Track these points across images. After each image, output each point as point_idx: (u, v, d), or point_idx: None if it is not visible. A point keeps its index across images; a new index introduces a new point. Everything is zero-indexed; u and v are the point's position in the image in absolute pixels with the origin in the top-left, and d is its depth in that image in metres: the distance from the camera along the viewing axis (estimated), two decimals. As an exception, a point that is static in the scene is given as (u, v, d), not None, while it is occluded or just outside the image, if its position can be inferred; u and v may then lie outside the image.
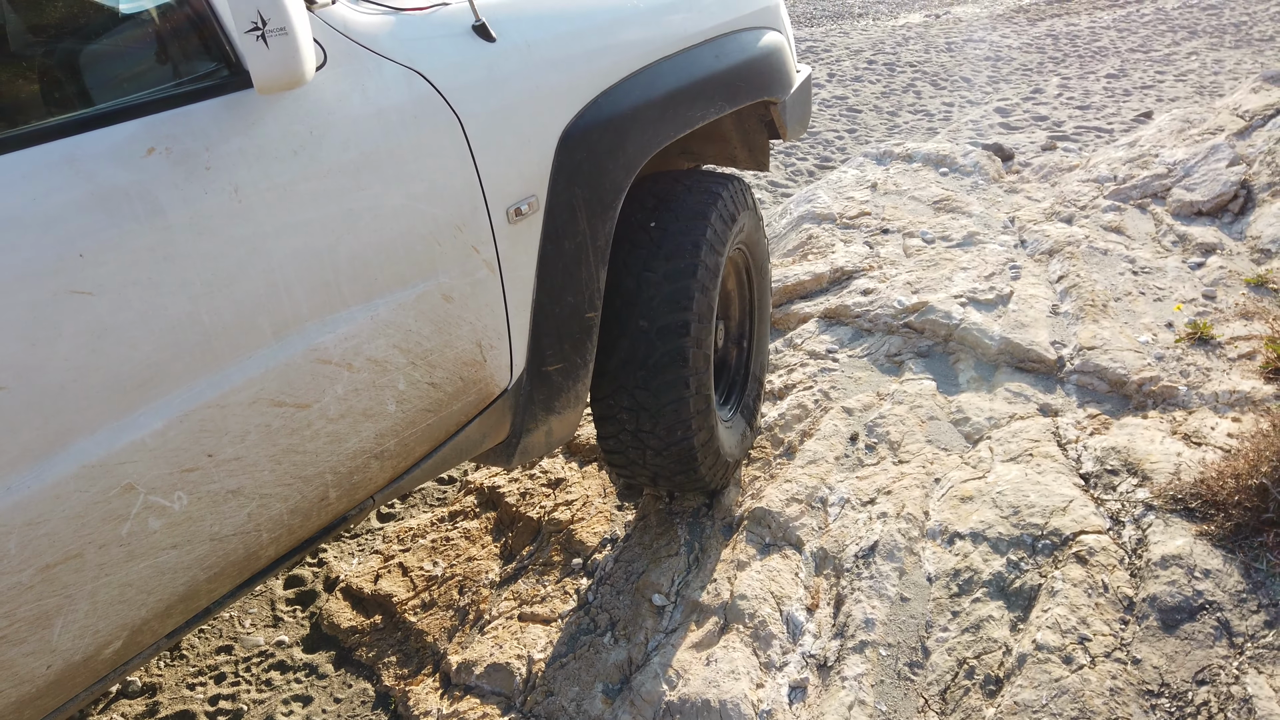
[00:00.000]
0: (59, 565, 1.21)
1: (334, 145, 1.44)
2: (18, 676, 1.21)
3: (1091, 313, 3.12)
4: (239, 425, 1.36)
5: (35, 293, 1.11)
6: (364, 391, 1.55)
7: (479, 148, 1.67)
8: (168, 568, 1.34)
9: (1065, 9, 12.24)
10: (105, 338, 1.18)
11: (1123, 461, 2.33)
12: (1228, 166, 4.03)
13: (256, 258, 1.33)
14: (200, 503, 1.35)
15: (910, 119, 7.24)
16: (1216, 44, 9.85)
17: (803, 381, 3.03)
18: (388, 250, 1.53)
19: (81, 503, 1.20)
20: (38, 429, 1.14)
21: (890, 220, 4.27)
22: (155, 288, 1.22)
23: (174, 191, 1.24)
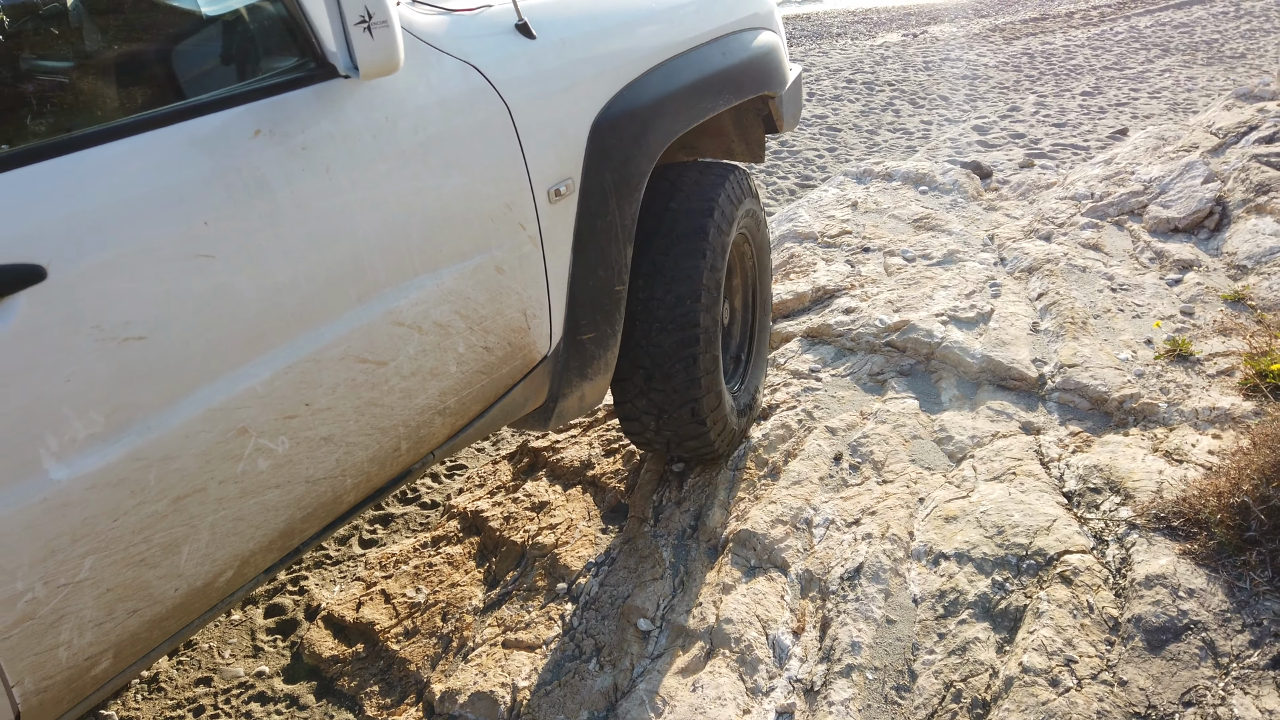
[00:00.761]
0: (187, 498, 1.37)
1: (405, 130, 1.61)
2: (151, 597, 1.38)
3: (1072, 330, 3.14)
4: (330, 379, 1.53)
5: (169, 255, 1.28)
6: (431, 352, 1.74)
7: (524, 134, 1.86)
8: (271, 505, 1.51)
9: (1040, 28, 12.40)
10: (224, 296, 1.34)
11: (1105, 480, 2.33)
12: (1203, 183, 4.08)
13: (344, 229, 1.51)
14: (299, 447, 1.52)
15: (889, 137, 7.30)
16: (1189, 61, 10.01)
17: (786, 401, 3.03)
18: (450, 225, 1.71)
19: (206, 442, 1.36)
20: (172, 375, 1.30)
21: (871, 239, 4.29)
22: (264, 254, 1.39)
23: (277, 168, 1.41)
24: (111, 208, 1.24)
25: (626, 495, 2.79)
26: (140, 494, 1.30)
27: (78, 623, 1.30)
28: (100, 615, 1.32)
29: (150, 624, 1.40)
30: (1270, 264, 3.37)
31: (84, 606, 1.30)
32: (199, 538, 1.41)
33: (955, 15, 13.86)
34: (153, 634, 1.42)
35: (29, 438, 1.18)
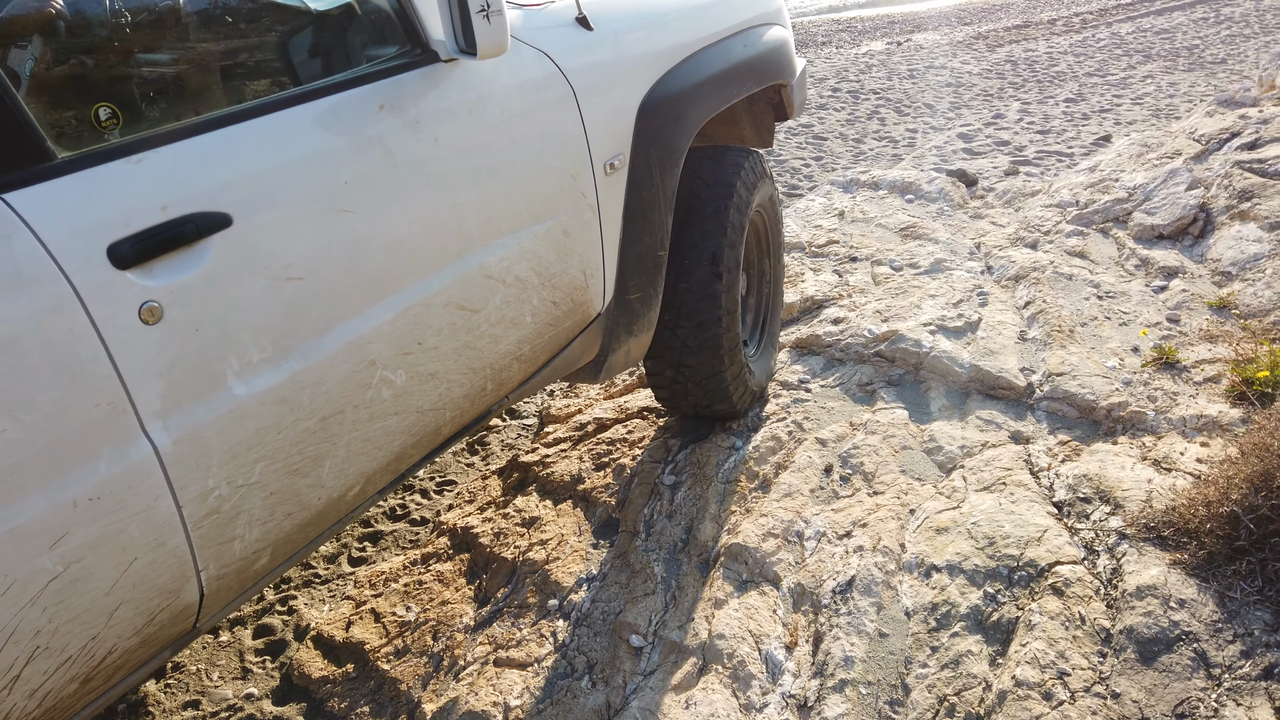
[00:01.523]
0: (330, 418, 1.59)
1: (493, 108, 1.86)
2: (301, 503, 1.60)
3: (1059, 338, 3.15)
4: (437, 322, 1.77)
5: (320, 209, 1.51)
6: (512, 304, 1.98)
7: (586, 114, 2.11)
8: (390, 430, 1.74)
9: (1023, 35, 12.49)
10: (360, 245, 1.58)
11: (1095, 489, 2.34)
12: (1186, 190, 4.11)
13: (448, 192, 1.75)
14: (412, 380, 1.75)
15: (875, 145, 7.33)
16: (1170, 67, 10.09)
17: (776, 413, 3.03)
18: (528, 192, 1.96)
19: (345, 370, 1.59)
20: (322, 311, 1.53)
21: (858, 248, 4.30)
22: (389, 210, 1.63)
23: (397, 138, 1.65)
24: (277, 168, 1.47)
25: (617, 510, 2.78)
26: (296, 411, 1.53)
27: (249, 520, 1.51)
28: (265, 515, 1.54)
29: (298, 527, 1.63)
30: (1254, 270, 3.39)
31: (254, 506, 1.52)
32: (337, 454, 1.64)
33: (939, 23, 13.94)
34: (298, 537, 1.64)
35: (218, 359, 1.39)
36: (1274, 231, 3.48)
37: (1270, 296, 3.18)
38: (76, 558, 1.27)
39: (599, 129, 2.16)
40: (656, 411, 3.22)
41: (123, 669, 1.41)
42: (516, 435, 3.54)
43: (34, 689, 1.28)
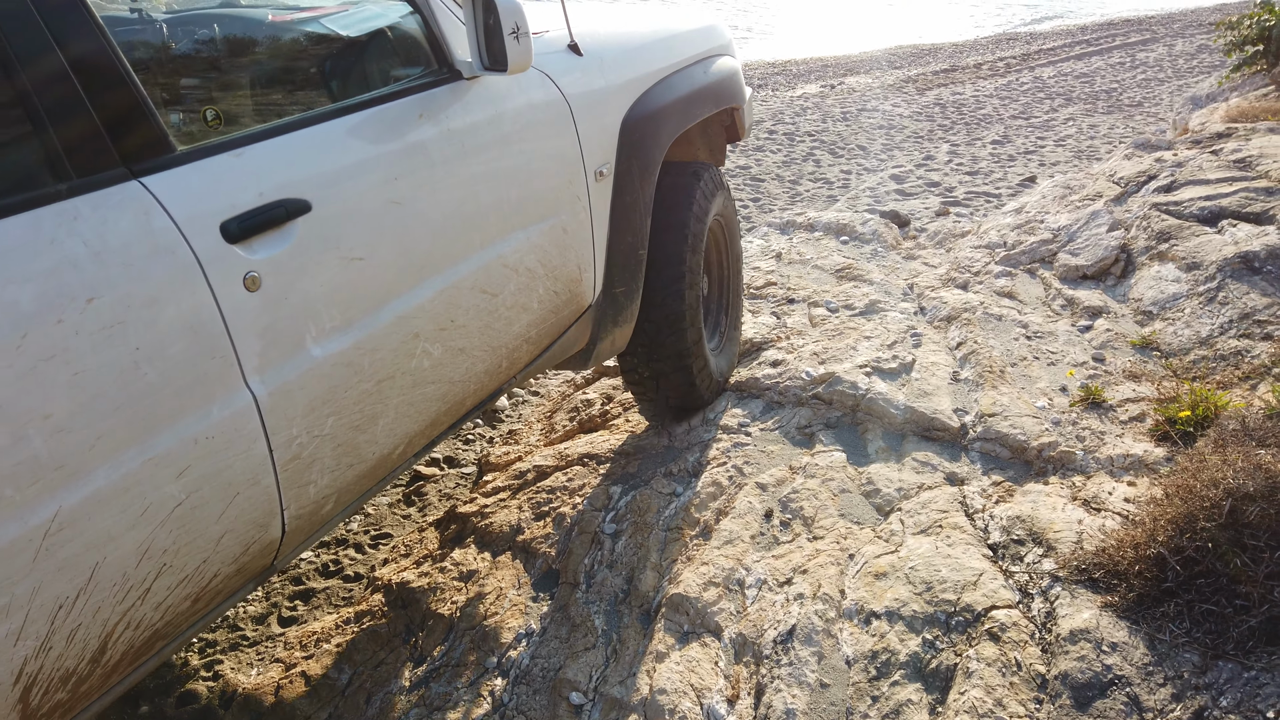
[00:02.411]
0: (385, 381, 1.84)
1: (507, 121, 2.18)
2: (360, 456, 1.84)
3: (990, 379, 3.21)
4: (465, 302, 2.05)
5: (377, 200, 1.79)
6: (523, 291, 2.28)
7: (580, 128, 2.43)
8: (429, 396, 2.02)
9: (951, 78, 12.89)
10: (406, 232, 1.85)
11: (1028, 531, 2.37)
12: (1108, 231, 4.25)
13: (473, 191, 2.05)
14: (446, 354, 2.03)
15: (811, 187, 7.47)
16: (1091, 110, 10.50)
17: (717, 458, 3.03)
18: (535, 194, 2.27)
19: (396, 340, 1.85)
20: (378, 288, 1.80)
21: (795, 290, 4.35)
22: (428, 204, 1.92)
23: (434, 143, 1.95)
24: (344, 164, 1.75)
25: (558, 560, 2.74)
26: (359, 374, 1.78)
27: (321, 468, 1.74)
28: (333, 464, 1.78)
29: (357, 478, 1.87)
30: (1173, 310, 3.51)
31: (325, 455, 1.75)
32: (388, 414, 1.89)
33: (870, 67, 14.33)
34: (356, 487, 1.89)
35: (300, 325, 1.64)
36: (1191, 272, 3.61)
37: (1189, 335, 3.29)
38: (195, 488, 1.49)
39: (590, 141, 2.48)
40: (597, 458, 3.19)
41: (221, 594, 1.64)
42: (455, 485, 3.48)
43: (159, 602, 1.49)
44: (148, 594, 1.46)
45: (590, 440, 3.36)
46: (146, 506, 1.41)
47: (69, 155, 1.35)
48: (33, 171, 1.32)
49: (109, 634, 1.43)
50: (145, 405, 1.39)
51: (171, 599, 1.51)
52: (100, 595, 1.39)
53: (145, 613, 1.47)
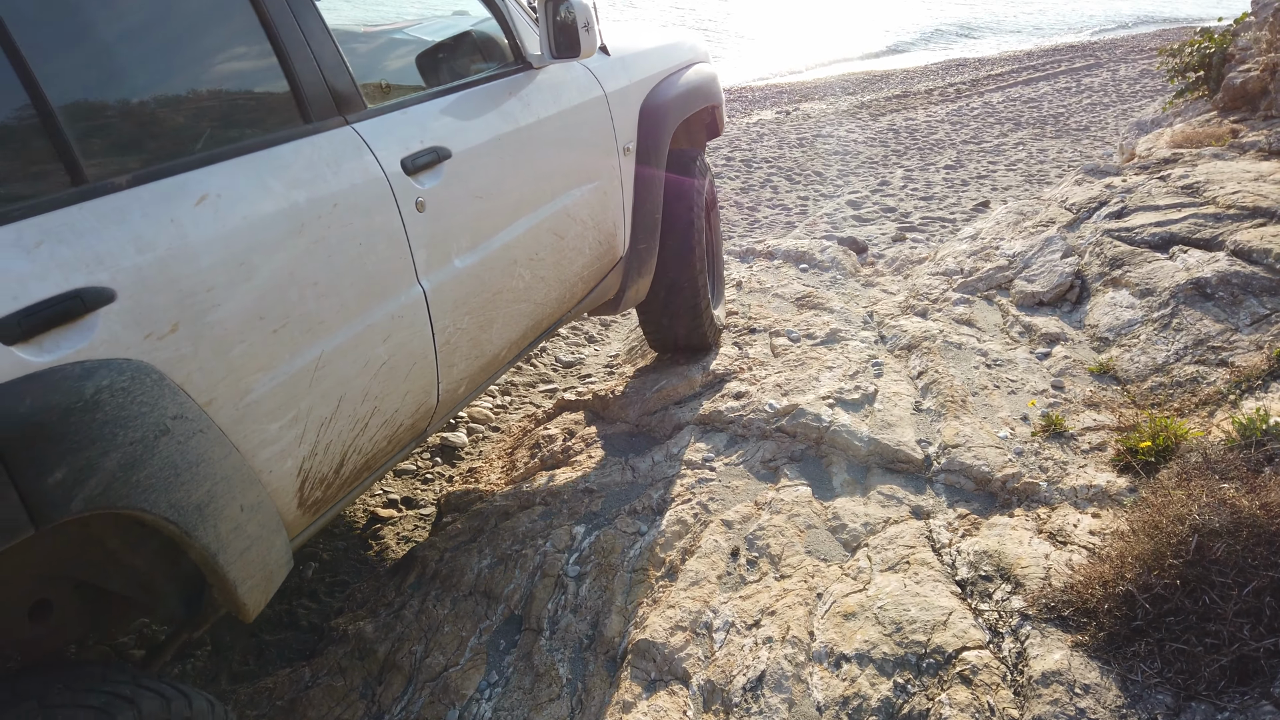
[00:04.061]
0: (497, 294, 2.43)
1: (564, 100, 2.83)
2: (481, 352, 2.43)
3: (952, 409, 3.21)
4: (543, 240, 2.66)
5: (490, 154, 2.41)
6: (579, 237, 2.91)
7: (613, 110, 3.11)
8: (522, 313, 2.61)
9: (903, 104, 13.09)
10: (506, 180, 2.45)
11: (995, 566, 2.35)
12: (1062, 258, 4.30)
13: (545, 153, 2.68)
14: (532, 279, 2.63)
15: (769, 213, 7.50)
16: (1039, 134, 10.70)
17: (681, 494, 2.98)
18: (585, 161, 2.96)
19: (503, 264, 2.45)
20: (493, 221, 2.40)
21: (757, 319, 4.34)
22: (519, 159, 2.53)
23: (519, 114, 2.58)
24: (469, 124, 2.36)
25: (521, 606, 2.67)
26: (482, 286, 2.36)
27: (460, 355, 2.32)
28: (467, 353, 2.35)
29: (478, 370, 2.48)
30: (1129, 336, 3.54)
31: (463, 346, 2.33)
32: (498, 321, 2.49)
33: (824, 93, 14.51)
34: (478, 377, 2.50)
35: (447, 242, 2.20)
36: (1145, 298, 3.66)
37: (1146, 362, 3.32)
38: (393, 353, 2.03)
39: (619, 122, 3.15)
40: (559, 496, 3.13)
41: (399, 443, 2.19)
42: (413, 527, 3.39)
43: (371, 435, 2.03)
44: (365, 428, 2.01)
45: (552, 476, 3.30)
46: (367, 361, 1.96)
47: (311, 105, 1.92)
48: (290, 116, 1.89)
49: (345, 453, 1.96)
50: (367, 285, 1.94)
51: (378, 436, 2.06)
52: (342, 421, 1.93)
53: (363, 442, 2.02)
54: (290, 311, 1.73)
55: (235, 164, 1.71)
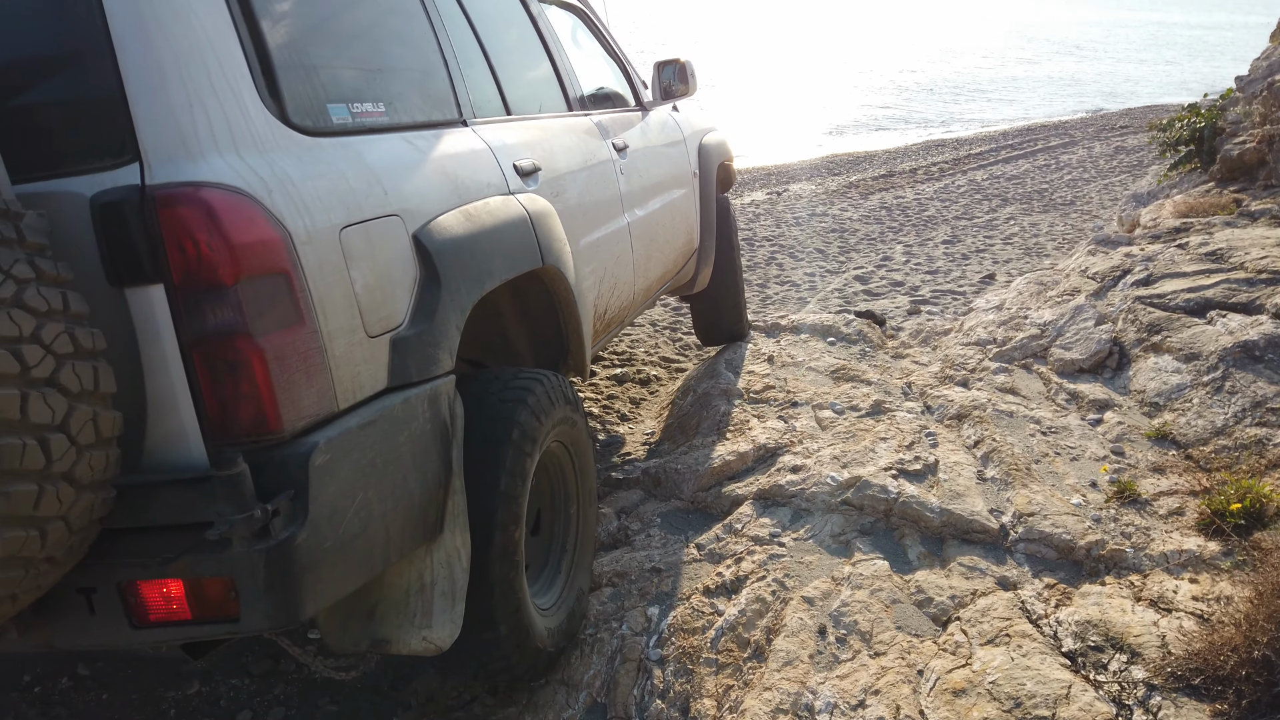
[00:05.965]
0: (650, 241, 3.77)
1: (666, 133, 4.22)
2: (649, 274, 3.81)
3: (1018, 477, 3.18)
4: (664, 217, 3.97)
5: (643, 154, 3.83)
6: (677, 224, 4.17)
7: (687, 145, 4.44)
8: (653, 267, 3.83)
9: (890, 183, 13.40)
10: (651, 174, 3.85)
11: (1104, 636, 2.30)
12: (1095, 325, 4.34)
13: (656, 162, 3.97)
14: (661, 241, 3.94)
15: (779, 289, 7.57)
16: (1028, 209, 10.95)
17: (755, 571, 2.91)
18: (676, 173, 4.21)
19: (651, 223, 3.77)
20: (641, 200, 3.71)
21: (796, 393, 4.32)
22: (644, 164, 3.80)
23: (644, 134, 3.94)
24: (629, 132, 3.75)
25: (603, 693, 2.57)
26: (645, 232, 3.69)
27: (638, 270, 3.64)
28: (642, 270, 3.70)
29: (643, 289, 3.76)
30: (1181, 400, 3.56)
31: (640, 264, 3.66)
32: (652, 259, 3.79)
33: (810, 174, 14.83)
34: (639, 299, 3.78)
35: (629, 201, 3.53)
36: (1190, 363, 3.69)
37: (1205, 426, 3.32)
38: (616, 255, 3.36)
39: (690, 153, 4.48)
40: (626, 577, 3.05)
41: (616, 320, 3.52)
42: (470, 613, 3.28)
43: (610, 300, 3.34)
44: (614, 293, 3.38)
45: (615, 558, 3.22)
46: (618, 254, 3.38)
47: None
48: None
49: (606, 304, 3.30)
50: (604, 210, 3.30)
51: (617, 302, 3.45)
52: (609, 280, 3.31)
53: (610, 302, 3.36)
54: (591, 206, 3.17)
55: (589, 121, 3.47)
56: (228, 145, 1.69)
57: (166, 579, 1.63)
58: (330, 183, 1.86)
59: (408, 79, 2.38)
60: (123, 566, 1.63)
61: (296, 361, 1.66)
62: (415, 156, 2.20)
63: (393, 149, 2.14)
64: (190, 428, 1.62)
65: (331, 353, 1.75)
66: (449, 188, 2.24)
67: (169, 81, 1.61)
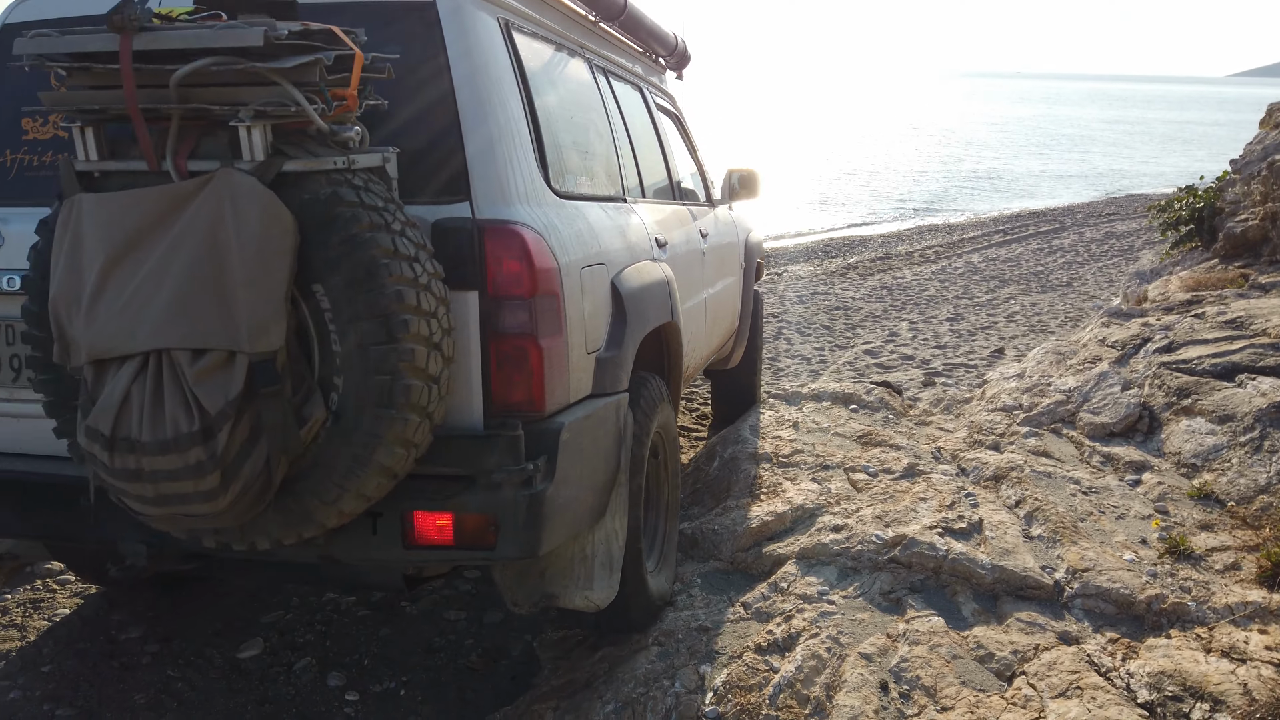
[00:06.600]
0: (715, 314, 4.37)
1: (729, 227, 4.84)
2: (710, 345, 4.34)
3: (1066, 535, 3.16)
4: (724, 300, 4.57)
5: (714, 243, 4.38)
6: (728, 306, 4.68)
7: (739, 239, 5.05)
8: (715, 333, 4.39)
9: (887, 265, 13.62)
10: (705, 267, 4.10)
11: (1181, 686, 2.25)
12: (1122, 390, 4.37)
13: (723, 254, 4.57)
14: (710, 323, 4.21)
15: (790, 363, 7.62)
16: (1026, 290, 11.14)
17: (807, 629, 2.85)
18: (730, 263, 4.74)
19: (716, 299, 4.32)
20: (703, 282, 4.04)
21: (825, 456, 4.31)
22: (708, 257, 4.16)
23: (710, 227, 4.37)
24: (704, 221, 4.31)
25: (660, 751, 2.48)
26: (713, 305, 4.24)
27: (705, 337, 4.08)
28: (706, 339, 4.14)
29: (703, 358, 4.25)
30: (1219, 461, 3.56)
31: (707, 331, 4.13)
32: (714, 332, 4.36)
33: (808, 257, 15.07)
34: (700, 366, 4.27)
35: (706, 279, 4.07)
36: (1225, 424, 3.71)
37: (1247, 484, 3.32)
38: (697, 322, 3.87)
39: (740, 248, 5.07)
40: (673, 635, 2.98)
41: (695, 372, 4.16)
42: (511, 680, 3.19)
43: (705, 348, 4.18)
44: (692, 354, 3.65)
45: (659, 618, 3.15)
46: (698, 318, 3.83)
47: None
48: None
49: (705, 350, 4.15)
50: (698, 285, 3.86)
51: (705, 350, 4.13)
52: (708, 333, 4.11)
53: (702, 351, 4.01)
54: (688, 280, 3.63)
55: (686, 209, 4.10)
56: (523, 198, 2.31)
57: (442, 512, 2.09)
58: (574, 233, 2.47)
59: (598, 162, 3.07)
60: (407, 499, 2.07)
61: (557, 361, 2.22)
62: (608, 221, 2.82)
63: (597, 213, 2.76)
64: (476, 399, 2.13)
65: (571, 359, 2.31)
66: (625, 248, 2.87)
67: (495, 150, 2.26)
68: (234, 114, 1.80)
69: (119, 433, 1.76)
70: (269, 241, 1.79)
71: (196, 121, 1.86)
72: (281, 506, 1.90)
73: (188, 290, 1.78)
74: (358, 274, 1.84)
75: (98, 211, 1.85)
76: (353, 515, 1.98)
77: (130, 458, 1.76)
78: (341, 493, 1.90)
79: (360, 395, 1.86)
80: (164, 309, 1.77)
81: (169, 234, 1.81)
